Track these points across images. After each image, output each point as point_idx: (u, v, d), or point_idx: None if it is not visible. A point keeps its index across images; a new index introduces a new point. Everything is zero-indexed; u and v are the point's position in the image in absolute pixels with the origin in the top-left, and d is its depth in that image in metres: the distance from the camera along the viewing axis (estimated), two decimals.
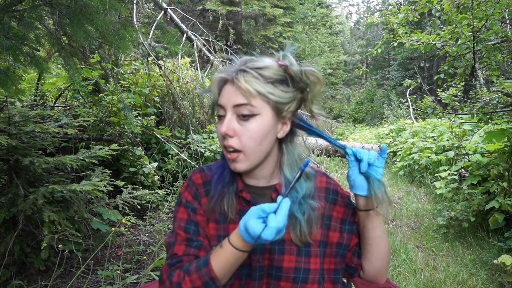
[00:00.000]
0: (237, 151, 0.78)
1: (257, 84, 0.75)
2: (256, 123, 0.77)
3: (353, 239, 0.90)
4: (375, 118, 17.25)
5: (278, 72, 0.78)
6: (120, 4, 2.20)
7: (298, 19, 18.39)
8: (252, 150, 0.79)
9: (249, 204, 0.85)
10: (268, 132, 0.79)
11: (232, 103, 0.77)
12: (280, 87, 0.78)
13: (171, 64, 4.87)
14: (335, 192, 0.90)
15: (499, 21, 3.17)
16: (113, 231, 2.49)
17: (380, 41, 3.79)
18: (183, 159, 3.87)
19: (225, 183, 0.85)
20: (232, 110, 0.77)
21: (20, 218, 1.96)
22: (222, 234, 0.86)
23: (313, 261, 0.84)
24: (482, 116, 3.27)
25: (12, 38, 1.73)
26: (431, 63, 19.83)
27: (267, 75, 0.77)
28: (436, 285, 2.44)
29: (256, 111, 0.76)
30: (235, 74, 0.77)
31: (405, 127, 8.42)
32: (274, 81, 0.77)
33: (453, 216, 3.21)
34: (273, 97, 0.77)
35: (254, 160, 0.80)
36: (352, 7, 53.07)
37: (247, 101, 0.76)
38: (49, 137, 2.38)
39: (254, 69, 0.77)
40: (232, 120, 0.77)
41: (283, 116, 0.80)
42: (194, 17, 10.95)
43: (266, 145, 0.80)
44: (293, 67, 0.78)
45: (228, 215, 0.85)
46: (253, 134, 0.77)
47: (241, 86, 0.75)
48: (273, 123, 0.79)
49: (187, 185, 0.90)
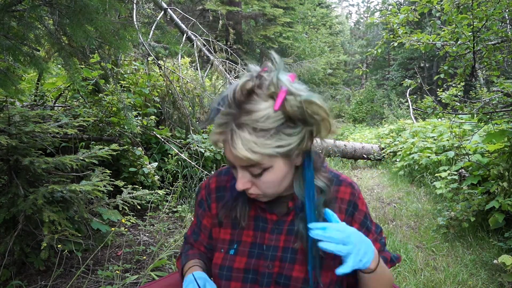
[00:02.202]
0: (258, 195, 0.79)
1: (259, 147, 0.67)
2: (270, 175, 0.73)
3: None
4: (375, 118, 17.26)
5: (277, 117, 0.67)
6: (120, 4, 2.20)
7: (298, 19, 18.38)
8: (273, 193, 0.78)
9: (265, 211, 0.86)
10: (285, 176, 0.76)
11: (237, 163, 0.72)
12: (285, 131, 0.68)
13: (171, 64, 4.87)
14: (355, 206, 0.87)
15: (499, 21, 3.16)
16: (113, 231, 2.49)
17: (380, 41, 3.79)
18: (183, 159, 3.87)
19: None
20: (242, 168, 0.73)
21: (20, 218, 1.96)
22: (236, 239, 0.87)
23: (324, 274, 0.82)
24: (482, 116, 3.27)
25: (12, 38, 1.73)
26: (431, 63, 19.83)
27: (267, 127, 0.67)
28: (436, 285, 2.44)
29: (266, 166, 0.71)
30: (230, 137, 0.68)
31: (405, 127, 8.42)
32: (276, 129, 0.67)
33: (453, 216, 3.21)
34: (280, 150, 0.69)
35: (277, 194, 0.80)
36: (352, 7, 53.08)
37: (252, 163, 0.70)
38: (49, 137, 2.38)
39: (249, 127, 0.66)
40: (245, 176, 0.74)
41: (297, 154, 0.75)
42: (194, 17, 10.94)
43: (286, 183, 0.78)
44: (291, 102, 0.67)
45: (240, 222, 0.85)
46: (269, 184, 0.75)
47: (240, 156, 0.68)
48: (288, 167, 0.75)
49: (205, 185, 0.96)
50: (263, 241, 0.85)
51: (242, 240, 0.86)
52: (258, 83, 0.68)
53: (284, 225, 0.85)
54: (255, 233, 0.86)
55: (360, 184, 5.63)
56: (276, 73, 0.68)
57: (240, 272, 0.84)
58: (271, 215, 0.86)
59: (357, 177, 6.38)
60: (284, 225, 0.85)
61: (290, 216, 0.85)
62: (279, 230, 0.85)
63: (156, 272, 2.31)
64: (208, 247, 0.96)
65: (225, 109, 0.69)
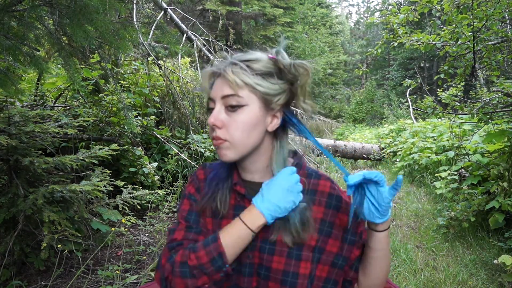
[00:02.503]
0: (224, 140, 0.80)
1: (244, 75, 0.76)
2: (244, 114, 0.77)
3: (354, 251, 0.86)
4: (375, 118, 17.26)
5: (268, 64, 0.78)
6: (120, 4, 2.20)
7: (298, 19, 18.39)
8: (239, 141, 0.79)
9: (244, 198, 0.85)
10: (256, 124, 0.79)
11: (220, 94, 0.78)
12: (269, 79, 0.78)
13: (171, 64, 4.87)
14: (338, 198, 0.86)
15: (499, 21, 3.16)
16: (113, 231, 2.49)
17: (380, 41, 3.79)
18: (183, 159, 3.87)
19: (220, 179, 0.87)
20: (221, 101, 0.79)
21: (20, 218, 1.96)
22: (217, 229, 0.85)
23: (303, 266, 0.81)
24: (482, 116, 3.27)
25: (12, 38, 1.73)
26: (431, 63, 19.83)
27: (256, 67, 0.78)
28: (436, 285, 2.44)
29: (243, 102, 0.77)
30: (224, 67, 0.78)
31: (405, 127, 8.42)
32: (263, 73, 0.78)
33: (453, 216, 3.21)
34: (261, 88, 0.77)
35: (241, 151, 0.80)
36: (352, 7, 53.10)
37: (234, 92, 0.77)
38: (49, 137, 2.38)
39: (243, 61, 0.78)
40: (221, 111, 0.79)
41: (272, 108, 0.80)
42: (194, 17, 10.94)
43: (254, 137, 0.80)
44: (284, 60, 0.78)
45: (221, 211, 0.85)
46: (240, 125, 0.78)
47: (228, 77, 0.76)
48: (261, 115, 0.79)
49: (191, 180, 0.94)
50: None
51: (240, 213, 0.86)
52: None
53: None
54: None
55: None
56: (278, 47, 0.80)
57: None
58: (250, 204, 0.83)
59: None
60: None
61: None
62: None
63: None
64: None
65: (229, 58, 0.81)
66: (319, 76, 18.80)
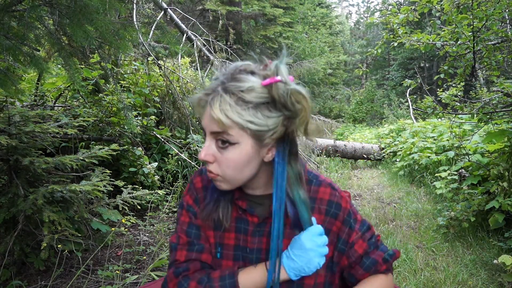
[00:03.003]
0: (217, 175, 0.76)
1: (232, 113, 0.68)
2: (234, 153, 0.72)
3: (343, 259, 0.86)
4: (375, 118, 17.26)
5: (261, 94, 0.69)
6: (120, 4, 2.20)
7: (298, 19, 18.38)
8: (232, 178, 0.75)
9: (245, 212, 0.84)
10: (249, 161, 0.74)
11: (209, 129, 0.72)
12: (263, 111, 0.69)
13: (171, 64, 4.87)
14: (338, 206, 0.85)
15: (499, 21, 3.16)
16: (113, 231, 2.49)
17: (380, 41, 3.79)
18: (183, 159, 3.87)
19: (221, 191, 0.82)
20: (211, 135, 0.73)
21: (20, 218, 1.96)
22: (219, 241, 0.86)
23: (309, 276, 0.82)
24: (482, 116, 3.27)
25: (12, 38, 1.73)
26: (431, 63, 19.84)
27: (248, 99, 0.68)
28: (436, 285, 2.44)
29: (233, 140, 0.70)
30: (211, 98, 0.70)
31: (405, 127, 8.42)
32: (256, 105, 0.69)
33: (453, 216, 3.21)
34: (252, 126, 0.69)
35: (236, 184, 0.77)
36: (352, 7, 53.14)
37: (222, 129, 0.70)
38: (49, 137, 2.38)
39: (232, 92, 0.69)
40: (211, 146, 0.73)
41: (266, 143, 0.73)
42: (194, 17, 10.94)
43: (247, 172, 0.75)
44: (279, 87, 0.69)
45: (223, 223, 0.83)
46: (231, 163, 0.73)
47: (214, 116, 0.69)
48: (253, 152, 0.73)
49: (188, 188, 0.91)
50: (245, 244, 0.84)
51: (225, 243, 0.85)
52: (260, 68, 0.72)
53: (265, 227, 0.83)
54: (237, 236, 0.84)
55: (360, 184, 5.63)
56: (278, 61, 0.71)
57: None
58: (252, 217, 0.84)
59: (357, 177, 6.37)
60: (265, 227, 0.83)
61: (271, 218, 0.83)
62: (260, 232, 0.83)
63: (156, 272, 2.31)
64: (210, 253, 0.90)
65: (220, 78, 0.72)
66: (319, 76, 18.79)
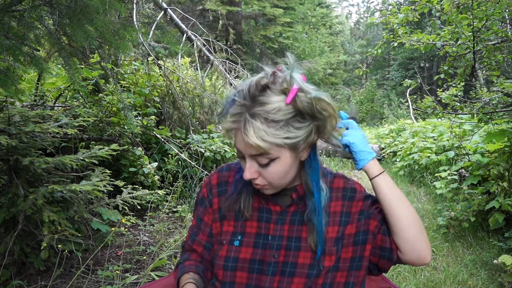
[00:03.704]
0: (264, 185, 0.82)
1: (269, 137, 0.72)
2: (277, 166, 0.78)
3: (371, 222, 0.89)
4: (375, 118, 17.26)
5: (288, 110, 0.73)
6: (120, 4, 2.19)
7: (298, 19, 18.39)
8: (278, 184, 0.82)
9: (268, 202, 0.89)
10: (290, 168, 0.80)
11: (248, 153, 0.77)
12: (294, 123, 0.74)
13: (171, 64, 4.87)
14: (353, 190, 0.92)
15: (499, 21, 3.16)
16: (113, 231, 2.48)
17: (380, 41, 3.79)
18: (183, 159, 3.87)
19: (245, 181, 0.86)
20: (250, 158, 0.78)
21: (20, 218, 1.96)
22: (239, 231, 0.90)
23: (327, 259, 0.85)
24: (482, 116, 3.26)
25: (12, 38, 1.73)
26: (431, 63, 19.84)
27: (277, 119, 0.72)
28: (436, 285, 2.44)
29: (273, 156, 0.76)
30: (243, 126, 0.73)
31: (405, 127, 8.42)
32: (286, 121, 0.73)
33: (453, 216, 3.21)
34: (288, 141, 0.74)
35: (282, 187, 0.85)
36: (352, 7, 53.17)
37: (261, 152, 0.75)
38: (49, 137, 2.38)
39: (261, 117, 0.72)
40: (253, 165, 0.79)
41: (302, 149, 0.79)
42: (194, 17, 10.94)
43: (291, 175, 0.83)
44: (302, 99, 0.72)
45: (244, 213, 0.88)
46: (275, 175, 0.79)
47: (251, 142, 0.72)
48: (293, 159, 0.79)
49: (206, 183, 0.98)
50: (268, 232, 0.88)
51: (246, 231, 0.89)
52: (272, 80, 0.75)
53: (287, 215, 0.88)
54: (259, 224, 0.89)
55: (360, 184, 5.62)
56: (290, 71, 0.74)
57: (246, 263, 0.86)
58: (274, 206, 0.89)
59: (357, 177, 6.37)
60: (287, 215, 0.88)
61: (293, 207, 0.89)
62: (283, 220, 0.88)
63: (156, 272, 2.32)
64: (207, 246, 0.96)
65: (240, 100, 0.74)
66: (319, 76, 18.79)
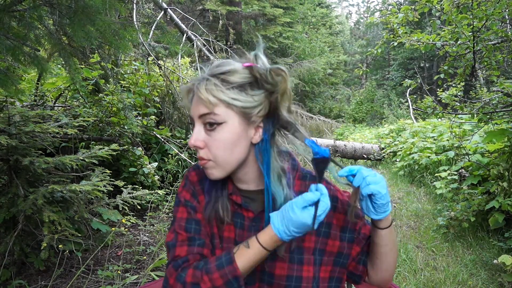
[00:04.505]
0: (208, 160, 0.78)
1: (218, 92, 0.73)
2: (223, 132, 0.74)
3: (355, 248, 0.86)
4: (375, 118, 17.25)
5: (244, 75, 0.74)
6: (120, 4, 2.20)
7: (298, 19, 18.38)
8: (223, 159, 0.76)
9: (241, 207, 0.84)
10: (238, 139, 0.76)
11: (197, 113, 0.76)
12: (247, 90, 0.74)
13: (171, 64, 4.87)
14: (334, 199, 0.85)
15: (499, 21, 3.16)
16: (113, 231, 2.49)
17: (380, 41, 3.79)
18: (183, 159, 3.87)
19: (218, 187, 0.84)
20: (199, 120, 0.76)
21: (20, 218, 1.96)
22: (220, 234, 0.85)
23: (305, 269, 0.81)
24: (482, 116, 3.27)
25: (12, 38, 1.73)
26: (431, 63, 19.84)
27: (232, 80, 0.73)
28: (436, 285, 2.44)
29: (220, 119, 0.74)
30: (198, 84, 0.75)
31: (405, 127, 8.42)
32: (239, 85, 0.74)
33: (453, 216, 3.21)
34: (237, 103, 0.73)
35: (227, 168, 0.78)
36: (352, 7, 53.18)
37: (209, 110, 0.73)
38: (49, 137, 2.38)
39: (217, 75, 0.74)
40: (200, 131, 0.76)
41: (253, 121, 0.76)
42: (194, 17, 10.94)
43: (237, 153, 0.77)
44: (259, 67, 0.74)
45: (224, 219, 0.83)
46: (220, 144, 0.75)
47: (201, 96, 0.73)
48: (241, 130, 0.76)
49: (184, 184, 0.90)
50: (242, 239, 0.82)
51: (224, 236, 0.85)
52: (240, 58, 0.78)
53: (260, 222, 0.83)
54: (235, 230, 0.85)
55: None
56: (256, 51, 0.76)
57: None
58: (247, 212, 0.84)
59: None
60: (261, 222, 0.83)
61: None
62: (256, 227, 0.83)
63: (156, 272, 2.31)
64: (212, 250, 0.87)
65: (206, 71, 0.78)
66: (319, 76, 18.79)
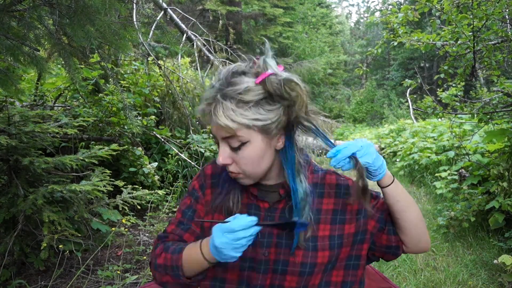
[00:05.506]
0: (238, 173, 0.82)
1: (236, 116, 0.73)
2: (248, 150, 0.77)
3: (370, 222, 0.90)
4: (375, 118, 17.27)
5: (258, 91, 0.74)
6: (120, 4, 2.19)
7: (298, 19, 18.40)
8: (252, 172, 0.81)
9: (257, 198, 0.88)
10: (264, 154, 0.79)
11: (220, 136, 0.78)
12: (264, 106, 0.75)
13: (171, 64, 4.87)
14: (346, 187, 0.90)
15: (499, 20, 3.16)
16: (113, 231, 2.49)
17: (380, 41, 3.79)
18: (183, 159, 3.87)
19: (232, 180, 0.87)
20: (223, 141, 0.78)
21: (20, 218, 1.96)
22: None
23: (320, 255, 0.84)
24: (482, 116, 3.26)
25: (12, 38, 1.73)
26: (431, 63, 19.84)
27: (247, 99, 0.73)
28: (436, 285, 2.44)
29: (244, 139, 0.76)
30: (213, 107, 0.75)
31: (405, 127, 8.42)
32: (256, 103, 0.74)
33: (453, 216, 3.21)
34: (257, 123, 0.74)
35: (257, 177, 0.83)
36: (352, 7, 53.19)
37: (231, 134, 0.75)
38: (49, 137, 2.38)
39: (231, 97, 0.73)
40: (226, 150, 0.79)
41: (275, 134, 0.79)
42: (194, 17, 10.94)
43: (265, 164, 0.81)
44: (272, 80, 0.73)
45: (233, 210, 0.87)
46: (248, 161, 0.78)
47: (220, 123, 0.74)
48: (265, 144, 0.78)
49: (198, 175, 0.97)
50: None
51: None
52: (250, 66, 0.78)
53: (276, 212, 0.87)
54: None
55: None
56: (264, 56, 0.76)
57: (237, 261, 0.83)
58: (263, 203, 0.88)
59: None
60: (276, 212, 0.87)
61: (281, 204, 0.87)
62: (272, 217, 0.87)
63: None
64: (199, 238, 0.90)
65: (216, 85, 0.77)
66: (319, 76, 18.79)
